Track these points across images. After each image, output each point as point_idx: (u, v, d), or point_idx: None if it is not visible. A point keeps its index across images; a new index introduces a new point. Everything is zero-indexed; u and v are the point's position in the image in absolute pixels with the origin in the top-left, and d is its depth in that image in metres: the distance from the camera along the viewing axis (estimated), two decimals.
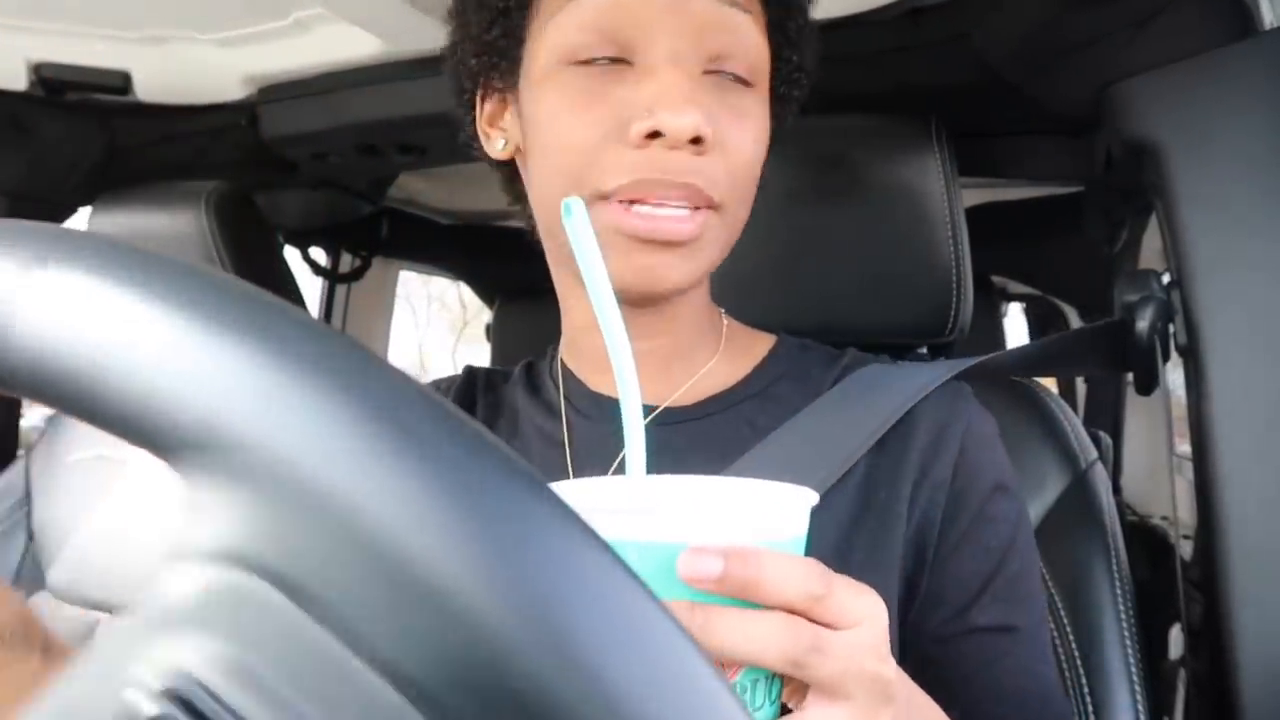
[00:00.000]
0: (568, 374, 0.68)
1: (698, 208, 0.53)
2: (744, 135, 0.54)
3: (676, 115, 0.49)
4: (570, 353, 0.68)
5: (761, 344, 0.68)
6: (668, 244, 0.52)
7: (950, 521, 0.57)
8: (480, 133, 0.64)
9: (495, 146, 0.62)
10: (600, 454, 0.62)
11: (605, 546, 0.19)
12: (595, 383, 0.66)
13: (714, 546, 0.31)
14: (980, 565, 0.57)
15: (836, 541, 0.56)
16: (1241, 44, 0.71)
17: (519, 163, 0.63)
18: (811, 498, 0.35)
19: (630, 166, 0.51)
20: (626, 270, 0.53)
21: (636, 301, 0.58)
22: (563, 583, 0.18)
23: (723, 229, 0.55)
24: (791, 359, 0.66)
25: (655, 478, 0.37)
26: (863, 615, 0.34)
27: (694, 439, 0.61)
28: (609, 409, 0.63)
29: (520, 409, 0.69)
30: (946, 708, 0.51)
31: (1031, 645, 0.57)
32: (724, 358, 0.65)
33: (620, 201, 0.52)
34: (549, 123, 0.54)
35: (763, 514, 0.34)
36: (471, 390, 0.72)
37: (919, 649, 0.57)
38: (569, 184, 0.53)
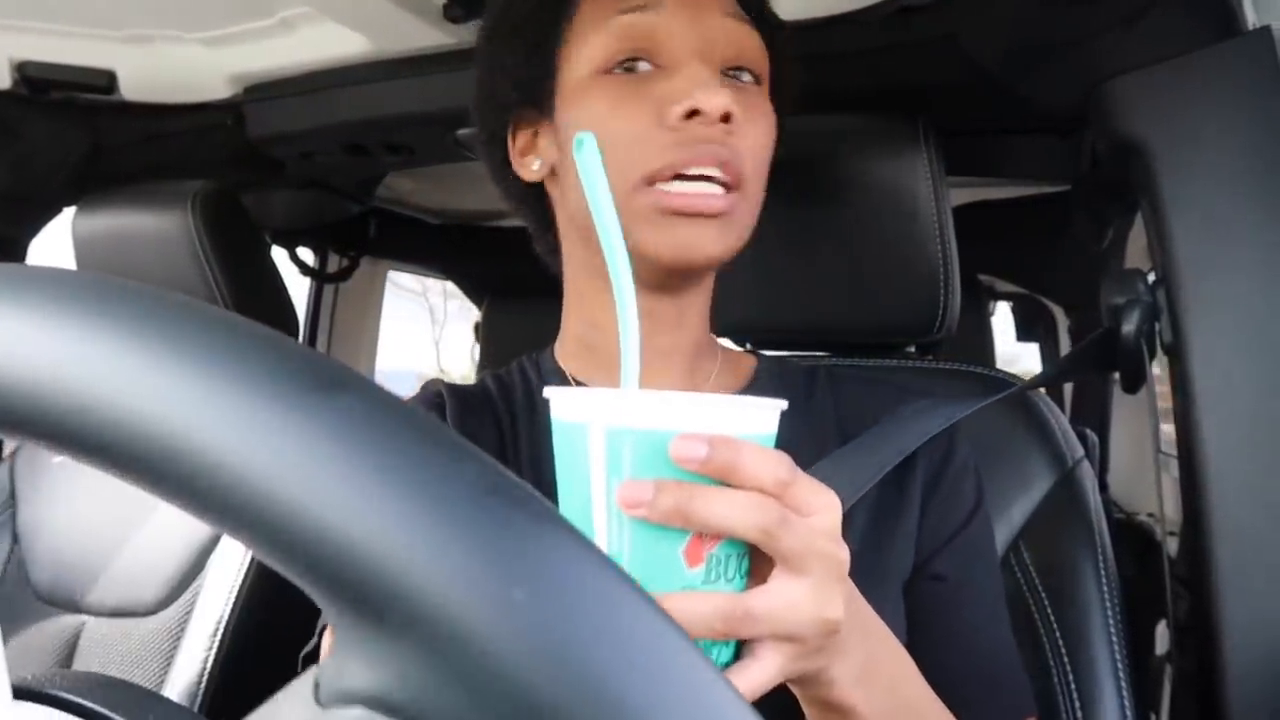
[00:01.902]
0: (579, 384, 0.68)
1: (727, 185, 0.59)
2: (759, 125, 0.62)
3: (710, 94, 0.57)
4: (582, 359, 0.69)
5: (747, 360, 0.73)
6: (702, 216, 0.59)
7: (931, 491, 0.67)
8: (514, 162, 0.69)
9: (531, 168, 0.68)
10: None
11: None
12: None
13: (701, 434, 0.37)
14: (947, 524, 0.66)
15: (866, 525, 0.65)
16: (1226, 44, 0.71)
17: (550, 185, 0.69)
18: (780, 404, 0.42)
19: (671, 144, 0.58)
20: (665, 244, 0.59)
21: (665, 283, 0.64)
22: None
23: (747, 209, 0.62)
24: (780, 374, 0.72)
25: (645, 390, 0.43)
26: (820, 506, 0.40)
27: None
28: None
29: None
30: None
31: (983, 603, 0.65)
32: (725, 364, 0.71)
33: (660, 183, 0.59)
34: (593, 125, 0.59)
35: (740, 413, 0.40)
36: (485, 407, 0.70)
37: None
38: (617, 177, 0.57)
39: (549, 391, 0.41)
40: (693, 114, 0.57)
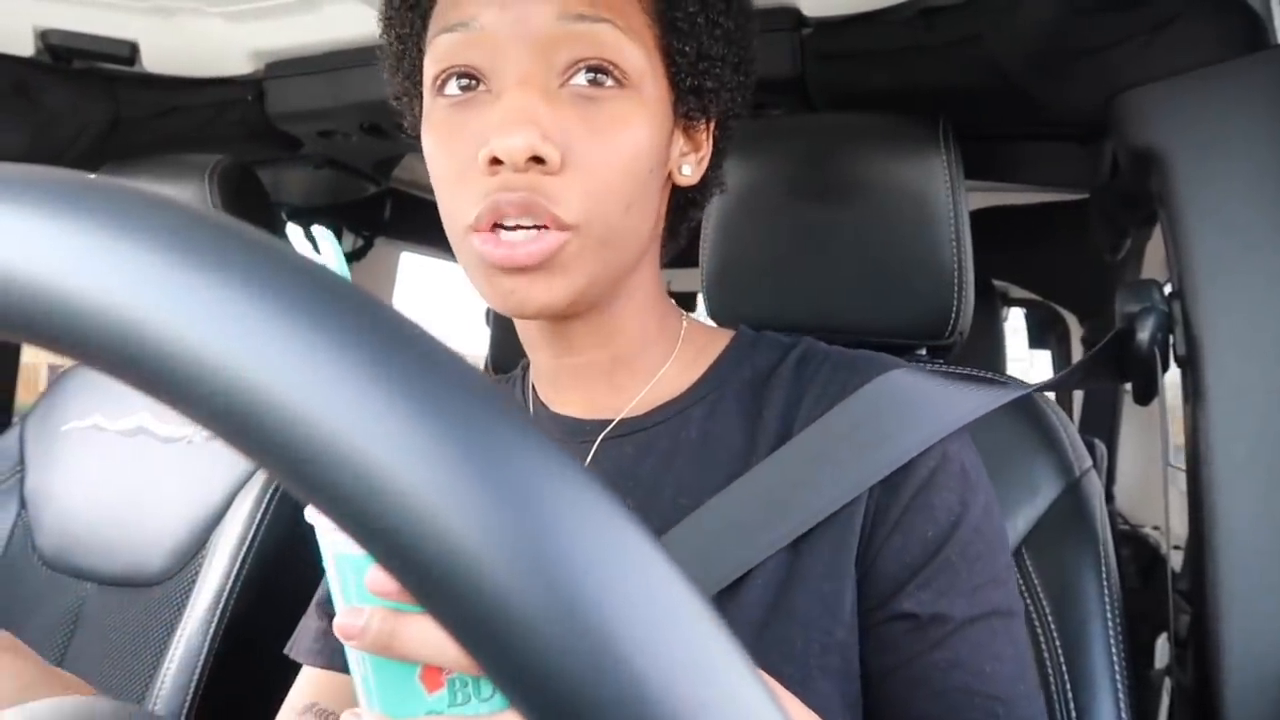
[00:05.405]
0: (535, 395, 0.68)
1: (546, 228, 0.52)
2: (606, 148, 0.53)
3: (506, 137, 0.50)
4: (535, 372, 0.68)
5: (717, 343, 0.66)
6: (522, 269, 0.52)
7: (883, 513, 0.55)
8: None
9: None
10: None
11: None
12: (557, 403, 0.66)
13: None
14: (909, 554, 0.54)
15: (776, 569, 0.55)
16: (1252, 56, 0.71)
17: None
18: None
19: (483, 193, 0.52)
20: (495, 298, 0.55)
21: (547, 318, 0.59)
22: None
23: (587, 249, 0.53)
24: (744, 356, 0.64)
25: None
26: None
27: (641, 447, 0.61)
28: (566, 429, 0.64)
29: None
30: (880, 706, 0.54)
31: (973, 641, 0.53)
32: (679, 362, 0.64)
33: (481, 232, 0.52)
34: (428, 160, 0.56)
35: None
36: None
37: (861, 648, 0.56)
38: (446, 220, 0.56)
39: (309, 514, 0.36)
40: (497, 161, 0.51)
